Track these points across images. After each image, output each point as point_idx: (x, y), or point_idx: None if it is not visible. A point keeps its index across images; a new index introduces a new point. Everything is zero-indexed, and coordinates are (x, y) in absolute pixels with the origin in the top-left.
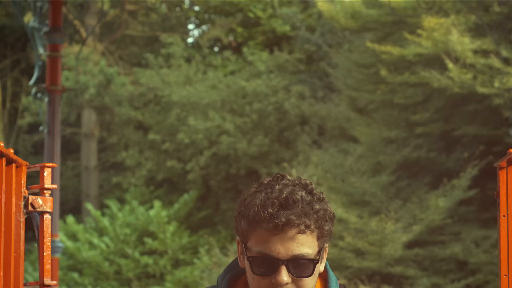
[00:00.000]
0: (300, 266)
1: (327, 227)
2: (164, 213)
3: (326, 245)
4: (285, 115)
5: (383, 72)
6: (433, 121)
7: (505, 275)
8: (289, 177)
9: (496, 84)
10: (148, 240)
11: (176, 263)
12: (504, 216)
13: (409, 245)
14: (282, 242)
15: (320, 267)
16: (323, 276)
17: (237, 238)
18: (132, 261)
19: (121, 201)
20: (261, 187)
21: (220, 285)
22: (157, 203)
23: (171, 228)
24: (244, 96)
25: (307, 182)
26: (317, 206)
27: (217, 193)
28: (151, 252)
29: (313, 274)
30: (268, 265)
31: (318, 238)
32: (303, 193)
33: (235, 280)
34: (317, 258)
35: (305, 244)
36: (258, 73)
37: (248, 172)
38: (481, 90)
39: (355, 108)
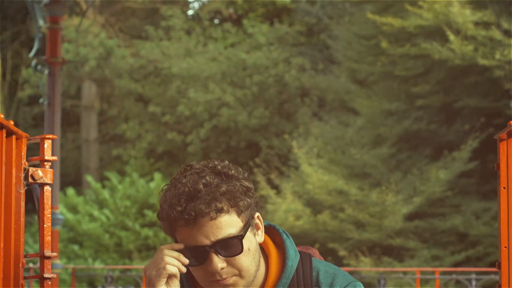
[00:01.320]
0: (228, 246)
1: (242, 202)
2: (164, 185)
3: (256, 214)
4: (285, 87)
5: (384, 44)
6: (433, 93)
7: (505, 247)
8: (196, 166)
9: (497, 56)
10: (149, 212)
11: None
12: (504, 188)
13: (410, 217)
14: (201, 232)
15: (258, 239)
16: (282, 246)
17: None
18: (132, 233)
19: (122, 173)
20: (171, 184)
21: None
22: (157, 175)
23: None
24: (244, 68)
25: (215, 162)
26: (224, 187)
27: None
28: (151, 224)
29: (244, 250)
30: (198, 255)
31: (238, 215)
32: (208, 178)
33: None
34: (241, 234)
35: (225, 227)
36: (258, 45)
37: (248, 144)
38: (482, 62)
39: (355, 80)
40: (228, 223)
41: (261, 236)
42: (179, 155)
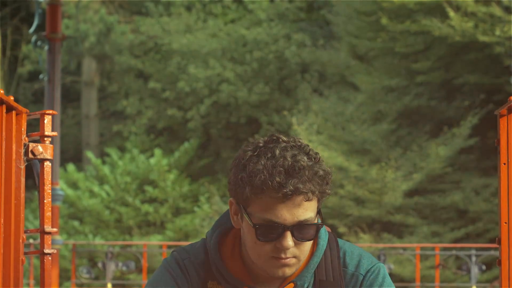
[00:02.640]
0: (304, 230)
1: (328, 190)
2: (164, 161)
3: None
4: (285, 63)
5: (384, 20)
6: (433, 70)
7: (505, 223)
8: (284, 138)
9: (497, 32)
10: (149, 188)
11: (177, 211)
12: (504, 164)
13: (409, 194)
14: (288, 209)
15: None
16: None
17: (232, 199)
18: (132, 209)
19: (122, 149)
20: (258, 151)
21: (210, 241)
22: (157, 152)
23: (171, 176)
24: (244, 44)
25: (303, 143)
26: (321, 172)
27: (218, 142)
28: (151, 200)
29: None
30: (274, 230)
31: (319, 201)
32: (305, 158)
33: (225, 236)
34: (321, 223)
35: (309, 209)
36: (259, 21)
37: (248, 121)
38: (482, 38)
39: (355, 56)
40: (311, 207)
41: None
42: (179, 131)
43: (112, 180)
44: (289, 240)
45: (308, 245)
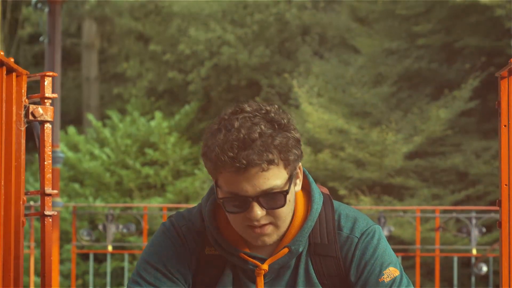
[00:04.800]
0: (271, 198)
1: (292, 156)
2: (165, 124)
3: (298, 165)
4: (286, 26)
5: None
6: (434, 32)
7: (506, 185)
8: (248, 108)
9: None
10: (149, 151)
11: (177, 174)
12: (505, 125)
13: (410, 156)
14: (248, 181)
15: (296, 188)
16: (307, 189)
17: None
18: (133, 172)
19: (122, 112)
20: (221, 124)
21: (205, 208)
22: (158, 114)
23: (172, 139)
24: (245, 6)
25: (268, 108)
26: (278, 139)
27: (218, 104)
28: (152, 163)
29: (287, 203)
30: (240, 203)
31: (286, 167)
32: (262, 127)
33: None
34: (286, 189)
35: (271, 178)
36: None
37: (249, 83)
38: (483, 1)
39: (356, 18)
40: (275, 175)
41: (299, 185)
42: (179, 93)
43: (113, 143)
44: (256, 210)
45: (284, 211)
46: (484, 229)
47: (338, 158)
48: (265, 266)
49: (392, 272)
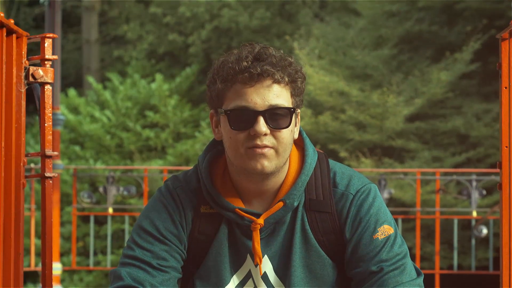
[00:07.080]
0: (277, 116)
1: (299, 84)
2: (165, 86)
3: (298, 110)
4: None
5: None
6: None
7: (506, 147)
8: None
9: None
10: (150, 113)
11: (178, 136)
12: (506, 87)
13: (411, 118)
14: (258, 92)
15: (295, 134)
16: (300, 146)
17: (211, 111)
18: (133, 134)
19: (123, 74)
20: (231, 51)
21: (201, 165)
22: (158, 77)
23: (172, 101)
24: None
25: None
26: (289, 60)
27: None
28: (152, 125)
29: (290, 127)
30: (246, 117)
31: (292, 95)
32: (275, 51)
33: (216, 159)
34: (293, 107)
35: (280, 96)
36: None
37: None
38: None
39: None
40: (283, 95)
41: (296, 132)
42: (180, 56)
43: (113, 105)
44: (262, 126)
45: (285, 136)
46: (484, 192)
47: (339, 120)
48: (260, 220)
49: (386, 230)
